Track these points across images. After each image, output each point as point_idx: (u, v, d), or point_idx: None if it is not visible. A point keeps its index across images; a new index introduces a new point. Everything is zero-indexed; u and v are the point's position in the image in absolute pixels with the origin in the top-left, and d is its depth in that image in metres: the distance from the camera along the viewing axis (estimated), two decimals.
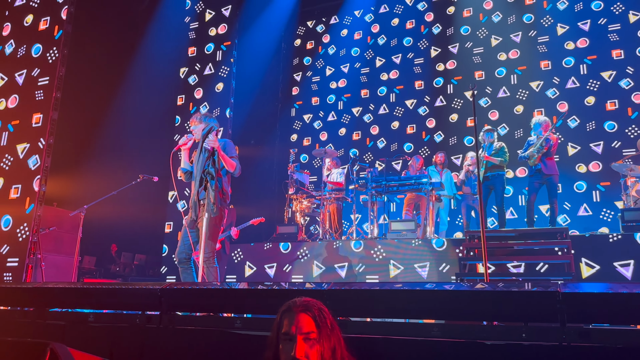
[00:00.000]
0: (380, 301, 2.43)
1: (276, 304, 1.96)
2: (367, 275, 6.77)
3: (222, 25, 9.41)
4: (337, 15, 11.79)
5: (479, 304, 2.31)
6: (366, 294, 2.49)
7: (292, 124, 11.82)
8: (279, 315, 1.85)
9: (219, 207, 4.39)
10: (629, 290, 2.06)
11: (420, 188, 7.49)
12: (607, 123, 8.89)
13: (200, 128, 4.65)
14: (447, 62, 10.54)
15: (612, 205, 8.46)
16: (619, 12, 9.20)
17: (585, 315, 2.14)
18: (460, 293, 2.43)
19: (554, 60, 9.53)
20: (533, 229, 6.52)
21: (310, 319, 1.77)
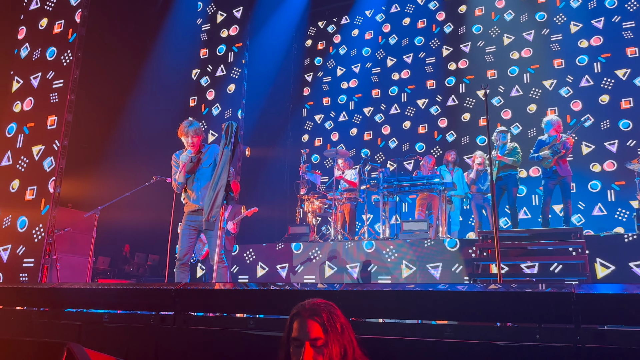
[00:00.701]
0: (393, 302, 2.43)
1: (288, 304, 1.97)
2: (380, 276, 6.76)
3: (234, 26, 9.46)
4: (348, 15, 11.79)
5: (492, 305, 2.31)
6: (378, 295, 2.50)
7: (303, 124, 11.84)
8: (290, 318, 1.86)
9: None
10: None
11: (432, 188, 7.46)
12: (622, 122, 8.78)
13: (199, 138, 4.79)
14: (459, 61, 10.48)
15: (628, 204, 8.34)
16: (634, 10, 9.08)
17: (600, 317, 2.12)
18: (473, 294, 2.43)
19: (568, 59, 9.43)
20: (547, 229, 6.46)
21: (318, 325, 1.77)
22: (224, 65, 9.32)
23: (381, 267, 6.80)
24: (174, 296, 3.04)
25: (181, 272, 4.66)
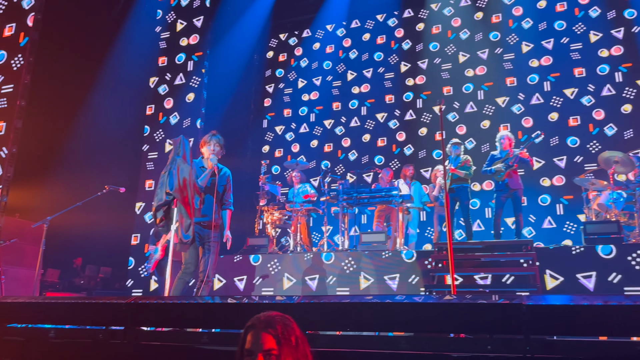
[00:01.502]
0: (349, 314, 2.44)
1: (244, 318, 1.94)
2: (338, 288, 6.77)
3: (194, 35, 9.36)
4: (309, 28, 11.89)
5: (445, 316, 2.35)
6: (335, 307, 2.50)
7: (264, 135, 11.80)
8: (244, 331, 1.84)
9: None
10: (589, 302, 2.13)
11: (390, 200, 7.56)
12: (569, 138, 9.20)
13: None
14: (416, 77, 10.74)
15: (575, 218, 8.72)
16: (581, 32, 9.58)
17: (548, 327, 2.19)
18: (427, 305, 2.46)
19: (519, 77, 9.84)
20: (499, 241, 6.66)
21: (272, 338, 1.76)
22: (183, 73, 9.19)
23: (340, 278, 6.82)
24: (125, 310, 2.94)
25: (187, 282, 4.64)
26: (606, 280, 5.63)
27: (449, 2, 10.79)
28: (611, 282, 5.61)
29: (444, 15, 10.80)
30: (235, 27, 10.42)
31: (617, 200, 6.88)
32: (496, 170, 6.84)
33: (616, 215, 6.81)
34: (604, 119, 9.05)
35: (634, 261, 5.59)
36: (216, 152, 4.82)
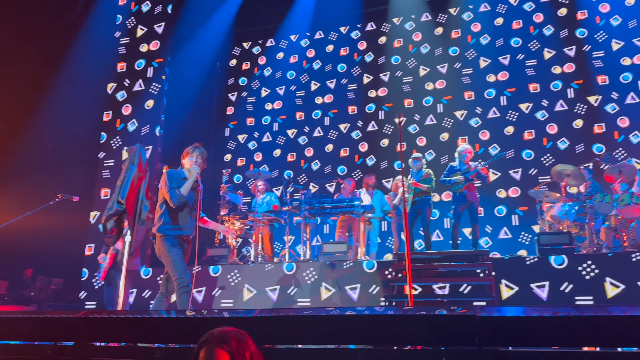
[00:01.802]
0: (306, 327, 2.42)
1: (200, 332, 1.90)
2: (299, 299, 6.73)
3: (155, 42, 9.20)
4: (273, 38, 11.90)
5: (402, 328, 2.36)
6: (292, 321, 2.48)
7: (226, 143, 11.68)
8: (198, 347, 1.80)
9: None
10: (540, 313, 2.19)
11: (352, 210, 7.59)
12: (524, 151, 9.52)
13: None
14: (378, 89, 10.90)
15: (530, 229, 9.00)
16: (535, 49, 9.97)
17: (501, 338, 2.23)
18: (384, 318, 2.47)
19: (477, 92, 10.14)
20: (457, 252, 6.80)
21: (226, 354, 1.73)
22: (143, 80, 9.00)
23: (301, 289, 6.78)
24: (75, 325, 2.83)
25: (187, 296, 4.44)
26: (558, 290, 5.82)
27: (410, 16, 11.03)
28: (563, 292, 5.80)
29: (405, 29, 11.03)
30: (198, 34, 10.30)
31: (569, 212, 7.14)
32: (455, 182, 7.00)
33: (568, 226, 7.07)
34: (557, 133, 9.42)
35: (584, 271, 5.80)
36: (199, 164, 4.74)
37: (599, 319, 2.12)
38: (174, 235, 4.54)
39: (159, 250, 4.53)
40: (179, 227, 4.58)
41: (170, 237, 4.52)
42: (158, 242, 4.53)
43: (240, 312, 2.66)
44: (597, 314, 2.14)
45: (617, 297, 5.60)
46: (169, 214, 4.57)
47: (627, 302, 5.52)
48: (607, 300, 5.62)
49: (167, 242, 4.49)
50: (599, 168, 8.30)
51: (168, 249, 4.47)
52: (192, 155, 4.74)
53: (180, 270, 4.44)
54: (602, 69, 9.45)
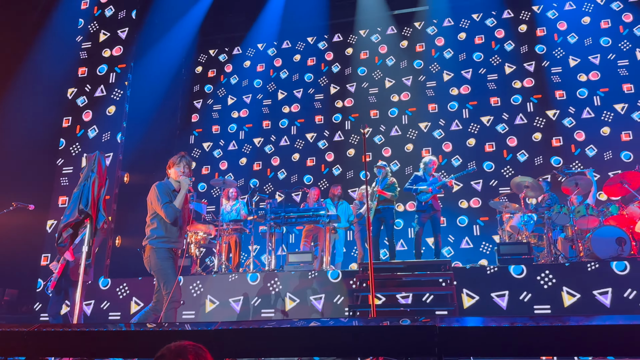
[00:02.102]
0: (267, 340, 2.39)
1: (157, 347, 1.84)
2: (263, 309, 6.65)
3: (118, 47, 9.01)
4: (240, 46, 11.85)
5: (364, 339, 2.36)
6: (253, 333, 2.44)
7: (190, 151, 11.50)
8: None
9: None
10: (497, 324, 2.22)
11: (318, 220, 7.59)
12: (485, 163, 9.77)
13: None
14: (345, 100, 10.99)
15: (490, 238, 9.22)
16: (497, 64, 10.28)
17: (460, 349, 2.26)
18: (346, 329, 2.47)
19: (440, 104, 10.36)
20: (419, 261, 6.88)
21: None
22: (105, 85, 8.79)
23: (265, 299, 6.71)
24: (26, 339, 2.71)
25: (175, 311, 4.38)
26: (518, 299, 5.95)
27: (376, 29, 11.20)
28: (522, 301, 5.94)
29: (371, 41, 11.19)
30: (163, 40, 10.12)
31: (528, 222, 7.35)
32: (421, 191, 7.13)
33: (527, 236, 7.27)
34: (517, 145, 9.71)
35: (542, 281, 5.96)
36: (186, 174, 4.64)
37: (555, 328, 2.18)
38: (166, 248, 4.48)
39: (151, 262, 4.45)
40: (171, 239, 4.53)
41: (163, 249, 4.46)
42: (150, 254, 4.46)
43: (201, 324, 2.60)
44: (552, 324, 2.20)
45: (573, 306, 5.77)
46: (160, 226, 4.50)
47: (583, 310, 5.69)
48: (564, 309, 5.78)
49: (160, 254, 4.43)
50: (557, 180, 8.59)
51: (161, 262, 4.41)
52: (179, 166, 4.65)
53: (173, 285, 4.38)
54: (560, 84, 9.82)
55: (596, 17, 9.98)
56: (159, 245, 4.46)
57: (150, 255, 4.46)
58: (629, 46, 9.60)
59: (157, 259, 4.43)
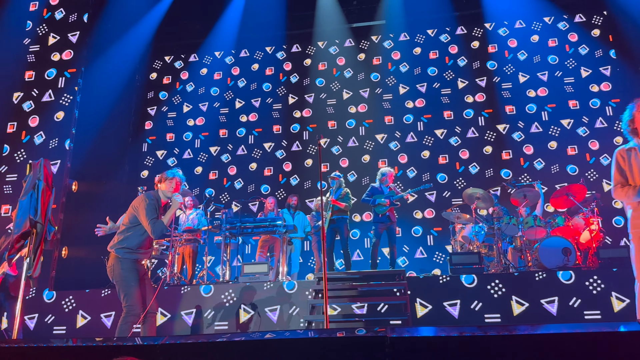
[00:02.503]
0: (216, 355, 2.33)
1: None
2: (216, 322, 6.52)
3: (68, 51, 8.70)
4: (196, 53, 11.69)
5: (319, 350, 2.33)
6: (201, 348, 2.37)
7: (143, 159, 11.20)
8: None
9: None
10: (447, 333, 2.25)
11: (274, 230, 7.54)
12: (439, 175, 10.00)
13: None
14: (303, 110, 11.02)
15: (443, 248, 9.42)
16: (450, 79, 10.59)
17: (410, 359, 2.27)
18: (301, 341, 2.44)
19: (396, 116, 10.55)
20: (374, 271, 6.93)
21: None
22: (53, 90, 8.45)
23: (218, 312, 6.57)
24: None
25: (131, 325, 4.27)
26: (469, 308, 6.09)
27: (334, 41, 11.32)
28: (473, 310, 6.08)
29: (329, 53, 11.30)
30: (116, 45, 9.83)
31: (479, 233, 7.55)
32: (379, 204, 7.22)
33: (478, 246, 7.46)
34: (469, 158, 10.00)
35: (493, 290, 6.12)
36: (173, 192, 4.67)
37: (503, 337, 2.22)
38: (132, 259, 4.38)
39: (114, 272, 4.35)
40: (140, 252, 4.44)
41: (129, 260, 4.36)
42: (114, 263, 4.36)
43: (148, 339, 2.51)
44: (499, 333, 2.24)
45: (522, 315, 5.95)
46: (135, 237, 4.42)
47: (531, 319, 5.87)
48: (514, 318, 5.95)
49: (124, 265, 4.33)
50: (506, 192, 8.88)
51: (125, 273, 4.31)
52: (172, 181, 4.64)
53: (135, 297, 4.29)
54: (510, 99, 10.20)
55: (544, 35, 10.46)
56: (125, 255, 4.37)
57: (114, 264, 4.36)
58: (574, 64, 10.10)
59: (121, 269, 4.32)
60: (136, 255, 4.41)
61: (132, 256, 4.39)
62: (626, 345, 2.07)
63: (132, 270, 4.35)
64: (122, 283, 4.30)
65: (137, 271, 4.41)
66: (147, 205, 4.40)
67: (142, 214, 4.39)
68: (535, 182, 8.12)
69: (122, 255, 4.36)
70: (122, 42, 9.98)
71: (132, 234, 4.41)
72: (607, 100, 9.73)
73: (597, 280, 5.89)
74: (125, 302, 4.27)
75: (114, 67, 9.78)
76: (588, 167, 9.43)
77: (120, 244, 4.39)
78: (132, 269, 4.36)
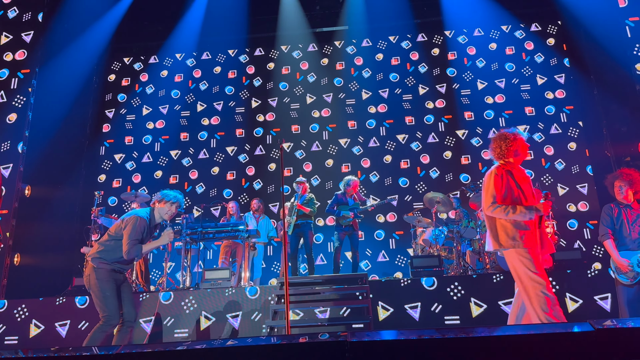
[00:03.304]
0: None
1: None
2: (177, 330, 6.38)
3: (21, 51, 8.38)
4: (157, 55, 11.47)
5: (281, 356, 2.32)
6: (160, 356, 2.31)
7: (100, 163, 10.88)
8: None
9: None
10: (406, 337, 2.28)
11: (237, 235, 7.46)
12: (401, 179, 10.14)
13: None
14: (266, 114, 10.97)
15: (405, 252, 9.55)
16: (411, 85, 10.78)
17: None
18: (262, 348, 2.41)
19: (359, 121, 10.65)
20: (337, 275, 6.96)
21: None
22: (5, 91, 8.11)
23: (179, 319, 6.44)
24: None
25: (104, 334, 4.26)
26: (429, 310, 6.19)
27: (298, 45, 11.34)
28: (434, 312, 6.18)
29: (293, 57, 11.31)
30: (73, 45, 9.52)
31: (439, 236, 7.70)
32: (343, 215, 7.32)
33: (438, 250, 7.60)
34: (429, 163, 10.19)
35: (452, 292, 6.24)
36: (170, 216, 4.62)
37: (460, 340, 2.27)
38: (108, 269, 4.31)
39: (90, 282, 4.30)
40: (116, 265, 4.39)
41: (104, 270, 4.30)
42: (90, 273, 4.31)
43: (102, 348, 2.43)
44: (457, 336, 2.29)
45: (480, 316, 6.09)
46: (114, 252, 4.37)
47: (489, 320, 6.02)
48: (472, 319, 6.08)
49: (99, 275, 4.29)
50: (465, 196, 9.09)
51: (100, 283, 4.26)
52: (172, 206, 4.60)
53: (111, 307, 4.24)
54: (469, 105, 10.47)
55: (502, 43, 10.79)
56: (100, 265, 4.31)
57: (90, 274, 4.31)
58: (530, 72, 10.46)
59: (96, 279, 4.28)
60: (115, 265, 4.38)
61: (108, 266, 4.34)
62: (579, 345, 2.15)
63: (108, 281, 4.30)
64: (98, 293, 4.26)
65: (115, 281, 4.37)
66: (135, 225, 4.36)
67: (127, 232, 4.36)
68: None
69: (97, 265, 4.31)
70: (79, 43, 9.67)
71: (112, 245, 4.38)
72: (561, 107, 10.13)
73: (552, 281, 6.10)
74: (102, 312, 4.24)
75: (70, 68, 9.47)
76: (543, 171, 9.78)
77: (99, 254, 4.35)
78: (109, 279, 4.31)
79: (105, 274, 4.28)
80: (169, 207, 4.58)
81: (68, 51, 9.40)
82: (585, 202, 9.48)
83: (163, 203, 4.58)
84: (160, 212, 4.56)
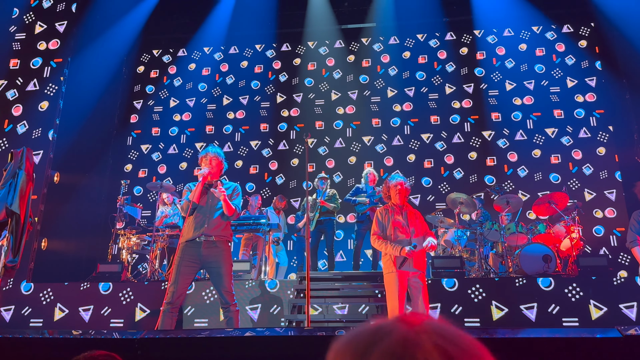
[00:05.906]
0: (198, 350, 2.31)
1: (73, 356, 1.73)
2: (196, 319, 6.46)
3: (55, 40, 8.56)
4: (185, 48, 11.60)
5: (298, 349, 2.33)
6: (182, 342, 2.35)
7: (127, 153, 11.07)
8: None
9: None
10: None
11: (258, 228, 7.51)
12: (424, 179, 10.06)
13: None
14: (291, 109, 11.00)
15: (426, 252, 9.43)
16: (438, 84, 10.66)
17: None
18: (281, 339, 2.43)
19: (383, 119, 10.59)
20: (357, 272, 6.95)
21: None
22: (38, 79, 8.31)
23: (199, 309, 6.52)
24: None
25: (171, 316, 4.25)
26: (449, 311, 6.13)
27: (324, 42, 11.33)
28: (454, 314, 6.12)
29: (319, 53, 11.30)
30: (104, 36, 9.71)
31: (461, 237, 7.61)
32: (359, 202, 7.22)
33: (460, 251, 7.52)
34: (453, 163, 10.08)
35: (473, 294, 6.17)
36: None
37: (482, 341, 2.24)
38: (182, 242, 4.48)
39: (224, 257, 4.37)
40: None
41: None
42: (226, 247, 4.42)
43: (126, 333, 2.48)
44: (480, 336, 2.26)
45: (501, 320, 6.01)
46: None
47: (510, 324, 5.94)
48: (493, 323, 6.01)
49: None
50: (489, 198, 8.96)
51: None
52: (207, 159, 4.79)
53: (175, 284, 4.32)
54: (496, 106, 10.31)
55: (532, 44, 10.59)
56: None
57: (226, 248, 4.42)
58: (560, 74, 10.25)
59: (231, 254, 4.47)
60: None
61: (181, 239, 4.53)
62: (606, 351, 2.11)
63: (178, 252, 4.43)
64: (230, 268, 4.34)
65: (184, 254, 4.47)
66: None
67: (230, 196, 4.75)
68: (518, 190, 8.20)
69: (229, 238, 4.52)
70: (110, 34, 9.86)
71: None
72: (591, 111, 9.89)
73: (576, 287, 5.98)
74: (233, 289, 4.33)
75: (101, 58, 9.66)
76: (571, 175, 9.57)
77: (227, 229, 4.56)
78: (180, 251, 4.43)
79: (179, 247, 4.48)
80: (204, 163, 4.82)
81: (99, 42, 9.58)
82: (613, 208, 9.25)
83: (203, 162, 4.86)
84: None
